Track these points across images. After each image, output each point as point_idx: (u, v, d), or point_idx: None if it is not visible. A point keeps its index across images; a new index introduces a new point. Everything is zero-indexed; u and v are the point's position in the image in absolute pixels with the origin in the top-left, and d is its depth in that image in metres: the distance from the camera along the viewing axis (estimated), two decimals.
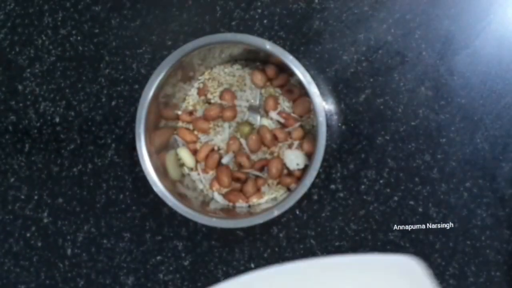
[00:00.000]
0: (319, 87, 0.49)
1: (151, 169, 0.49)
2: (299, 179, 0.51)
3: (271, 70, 0.52)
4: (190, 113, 0.53)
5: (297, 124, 0.52)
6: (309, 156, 0.51)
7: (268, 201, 0.52)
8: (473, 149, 0.53)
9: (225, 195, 0.52)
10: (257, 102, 0.52)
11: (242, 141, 0.52)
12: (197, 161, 0.53)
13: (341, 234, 0.53)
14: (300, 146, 0.52)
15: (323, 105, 0.48)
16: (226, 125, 0.52)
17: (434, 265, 0.53)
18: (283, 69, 0.51)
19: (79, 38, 0.56)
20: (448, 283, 0.53)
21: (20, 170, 0.56)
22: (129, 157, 0.55)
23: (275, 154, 0.52)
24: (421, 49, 0.53)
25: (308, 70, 0.48)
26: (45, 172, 0.56)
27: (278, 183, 0.52)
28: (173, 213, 0.50)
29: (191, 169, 0.53)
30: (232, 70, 0.53)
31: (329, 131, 0.53)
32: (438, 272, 0.53)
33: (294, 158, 0.51)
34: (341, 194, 0.53)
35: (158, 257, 0.55)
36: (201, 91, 0.53)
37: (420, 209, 0.53)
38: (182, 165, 0.53)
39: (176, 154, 0.53)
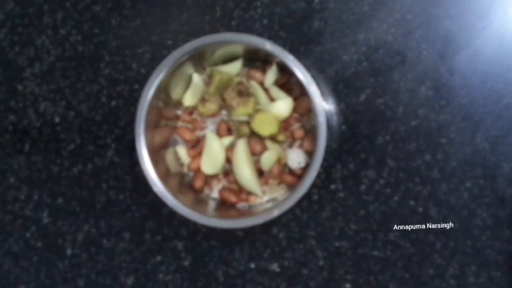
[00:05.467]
0: (319, 87, 0.49)
1: (151, 169, 0.49)
2: (300, 177, 0.51)
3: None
4: (190, 113, 0.53)
5: (298, 125, 0.52)
6: (310, 155, 0.51)
7: (268, 201, 0.52)
8: (474, 149, 0.53)
9: (222, 195, 0.52)
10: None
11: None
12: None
13: (341, 234, 0.53)
14: (300, 146, 0.52)
15: (323, 105, 0.48)
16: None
17: (434, 265, 0.53)
18: (283, 69, 0.51)
19: (79, 38, 0.56)
20: (448, 283, 0.53)
21: (20, 170, 0.56)
22: (129, 157, 0.55)
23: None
24: (421, 49, 0.53)
25: (308, 70, 0.48)
26: (45, 172, 0.56)
27: (279, 183, 0.52)
28: (173, 213, 0.50)
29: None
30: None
31: (329, 131, 0.53)
32: (438, 272, 0.53)
33: (295, 157, 0.51)
34: (341, 194, 0.53)
35: (158, 257, 0.55)
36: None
37: (420, 209, 0.53)
38: (181, 164, 0.53)
39: (175, 152, 0.53)
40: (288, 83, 0.52)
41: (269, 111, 0.50)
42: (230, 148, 0.52)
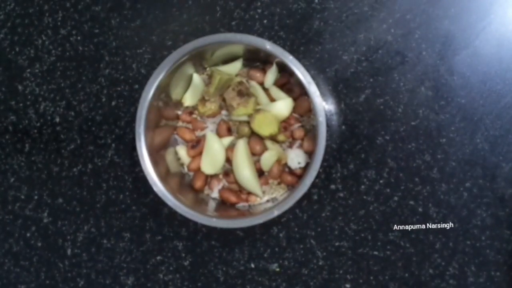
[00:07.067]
0: (319, 87, 0.49)
1: (151, 169, 0.49)
2: (300, 177, 0.51)
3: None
4: (190, 113, 0.53)
5: (298, 125, 0.52)
6: (310, 155, 0.51)
7: (268, 201, 0.52)
8: (473, 149, 0.53)
9: (222, 195, 0.52)
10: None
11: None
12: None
13: (341, 234, 0.53)
14: (300, 145, 0.52)
15: (323, 105, 0.48)
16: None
17: (434, 265, 0.53)
18: (283, 69, 0.51)
19: (79, 38, 0.56)
20: (448, 283, 0.53)
21: (20, 170, 0.56)
22: (129, 157, 0.55)
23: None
24: (421, 49, 0.53)
25: (308, 70, 0.48)
26: (45, 172, 0.56)
27: (279, 183, 0.52)
28: (173, 213, 0.50)
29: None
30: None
31: (329, 131, 0.53)
32: (438, 272, 0.53)
33: (295, 157, 0.51)
34: (341, 194, 0.53)
35: (158, 257, 0.55)
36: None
37: (420, 209, 0.53)
38: (181, 164, 0.53)
39: (175, 152, 0.53)
40: (288, 83, 0.52)
41: (269, 111, 0.50)
42: (230, 148, 0.52)
